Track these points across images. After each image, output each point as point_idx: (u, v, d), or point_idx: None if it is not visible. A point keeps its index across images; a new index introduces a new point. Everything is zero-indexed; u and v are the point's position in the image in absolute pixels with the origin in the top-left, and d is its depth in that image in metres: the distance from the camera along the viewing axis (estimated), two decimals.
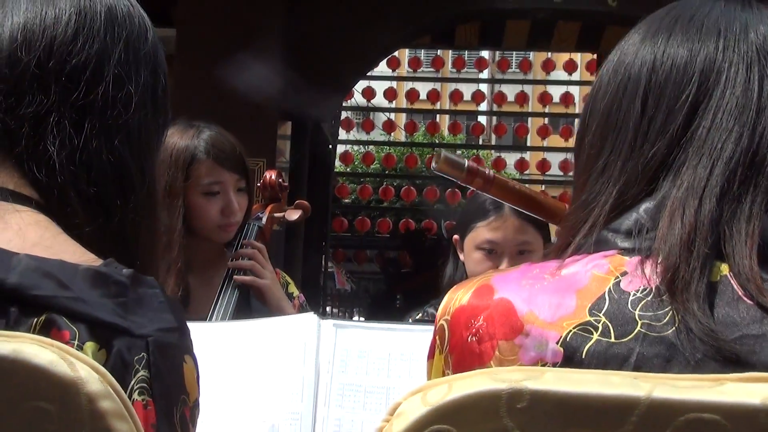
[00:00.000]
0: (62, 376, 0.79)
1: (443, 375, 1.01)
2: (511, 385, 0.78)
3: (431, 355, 1.05)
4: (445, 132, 10.95)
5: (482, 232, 2.44)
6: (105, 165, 1.01)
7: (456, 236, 2.58)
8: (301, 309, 2.49)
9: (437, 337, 1.04)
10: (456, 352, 0.99)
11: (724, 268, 0.95)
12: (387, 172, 10.19)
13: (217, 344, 1.71)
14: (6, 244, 0.92)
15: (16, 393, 0.79)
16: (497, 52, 11.42)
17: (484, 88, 11.23)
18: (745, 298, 0.92)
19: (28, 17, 1.02)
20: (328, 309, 10.43)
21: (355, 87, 8.32)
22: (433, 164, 1.57)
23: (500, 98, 10.24)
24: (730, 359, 0.88)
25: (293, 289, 2.58)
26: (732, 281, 0.93)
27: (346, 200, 9.73)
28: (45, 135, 0.99)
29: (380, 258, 10.77)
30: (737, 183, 0.97)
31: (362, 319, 9.98)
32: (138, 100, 1.05)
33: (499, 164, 9.96)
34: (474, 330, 0.97)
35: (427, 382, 0.83)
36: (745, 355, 0.88)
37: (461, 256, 2.54)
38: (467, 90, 10.32)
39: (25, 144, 0.99)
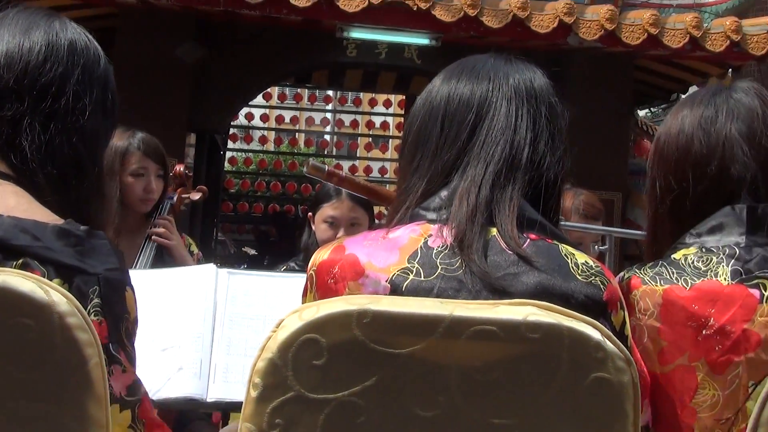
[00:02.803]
0: (40, 300, 0.78)
1: None
2: (359, 306, 0.78)
3: (304, 294, 1.05)
4: (302, 145, 10.89)
5: (327, 210, 2.49)
6: (65, 156, 1.01)
7: (310, 213, 2.60)
8: (199, 262, 2.50)
9: (308, 282, 1.04)
10: (321, 291, 1.00)
11: (494, 231, 0.99)
12: (260, 171, 10.08)
13: (141, 286, 1.67)
14: None
15: (5, 312, 0.78)
16: (339, 92, 11.42)
17: (329, 116, 11.32)
18: (507, 250, 0.96)
19: (9, 46, 1.01)
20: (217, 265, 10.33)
21: (240, 112, 8.22)
22: (305, 169, 1.61)
23: (340, 123, 10.28)
24: (498, 290, 0.92)
25: (195, 248, 2.61)
26: (499, 240, 0.98)
27: (232, 190, 9.58)
28: (20, 133, 0.99)
29: (255, 230, 10.78)
30: (503, 177, 1.03)
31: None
32: (91, 110, 1.04)
33: (336, 169, 10.05)
34: (332, 275, 0.99)
35: (302, 305, 0.83)
36: (506, 286, 0.93)
37: (313, 228, 2.56)
38: (317, 117, 10.37)
39: (5, 139, 0.99)
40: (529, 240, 0.99)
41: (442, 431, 0.78)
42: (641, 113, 7.41)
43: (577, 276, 0.96)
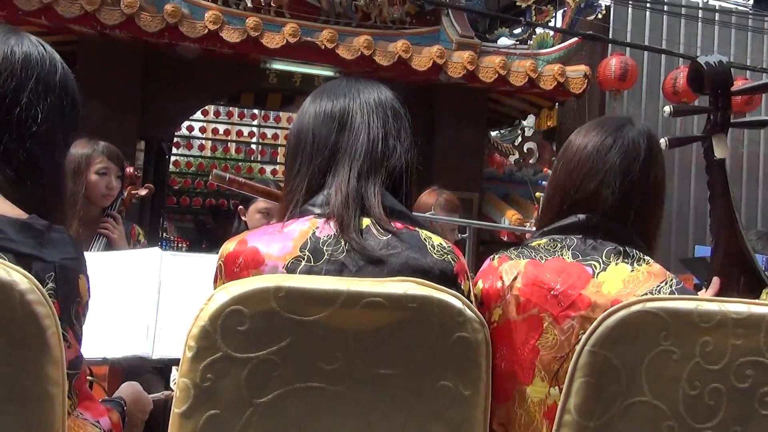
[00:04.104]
0: (2, 279, 0.71)
1: None
2: (275, 283, 0.76)
3: (215, 281, 1.00)
4: (233, 152, 10.59)
5: (261, 203, 2.40)
6: (21, 159, 0.90)
7: (240, 206, 2.52)
8: (146, 247, 2.38)
9: (218, 272, 0.99)
10: (228, 279, 0.94)
11: (368, 221, 0.98)
12: (199, 172, 9.75)
13: (98, 265, 1.59)
14: None
15: None
16: (263, 110, 11.16)
17: (255, 129, 11.03)
18: (379, 236, 0.96)
19: None
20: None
21: (182, 124, 7.93)
22: (210, 178, 1.59)
23: (264, 136, 10.12)
24: (377, 261, 0.93)
25: (142, 238, 2.50)
26: (372, 228, 0.97)
27: (175, 187, 9.21)
28: None
29: (194, 220, 10.42)
30: (366, 173, 1.01)
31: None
32: (45, 116, 0.91)
33: (261, 172, 9.79)
34: (237, 264, 0.95)
35: (229, 282, 0.79)
36: (383, 259, 0.93)
37: (244, 218, 2.49)
38: (246, 130, 10.06)
39: None
40: (399, 227, 0.99)
41: (341, 380, 0.78)
42: (493, 133, 7.62)
43: (434, 255, 0.98)
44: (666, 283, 1.11)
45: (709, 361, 0.83)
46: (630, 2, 6.61)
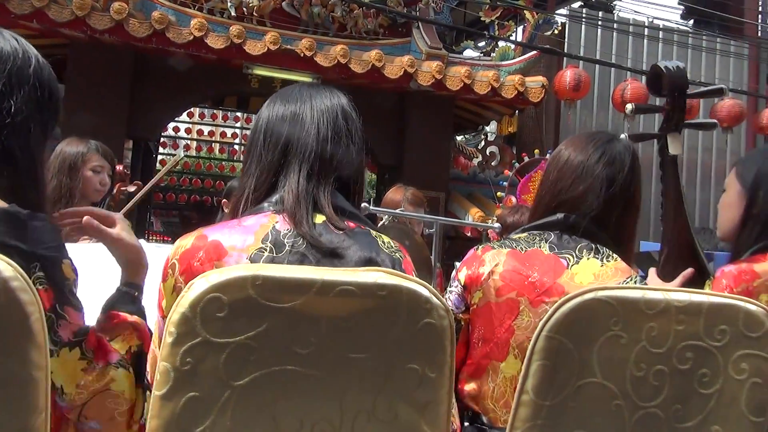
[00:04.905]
0: None
1: (173, 290, 0.91)
2: (253, 272, 0.74)
3: (164, 279, 0.93)
4: (217, 152, 10.43)
5: None
6: None
7: (224, 200, 2.48)
8: None
9: (170, 269, 0.92)
10: (186, 275, 0.90)
11: (321, 217, 0.96)
12: (184, 170, 9.58)
13: (80, 258, 1.55)
14: None
15: None
16: (245, 113, 11.02)
17: (237, 131, 10.88)
18: (335, 231, 0.95)
19: None
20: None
21: (169, 125, 7.80)
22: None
23: (246, 137, 9.94)
24: (334, 255, 0.92)
25: (130, 229, 2.41)
26: (327, 224, 0.95)
27: (162, 184, 9.04)
28: None
29: (179, 215, 10.25)
30: (316, 172, 0.98)
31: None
32: (18, 108, 0.85)
33: None
34: (197, 259, 0.90)
35: (209, 271, 0.77)
36: (340, 254, 0.93)
37: (226, 211, 2.45)
38: (229, 131, 9.94)
39: None
40: (353, 226, 0.98)
41: (315, 363, 0.76)
42: (458, 138, 7.66)
43: (385, 250, 0.98)
44: (631, 279, 1.14)
45: (654, 345, 0.84)
46: (583, 20, 6.70)
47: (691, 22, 7.88)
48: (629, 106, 1.52)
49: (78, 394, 0.86)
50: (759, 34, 7.32)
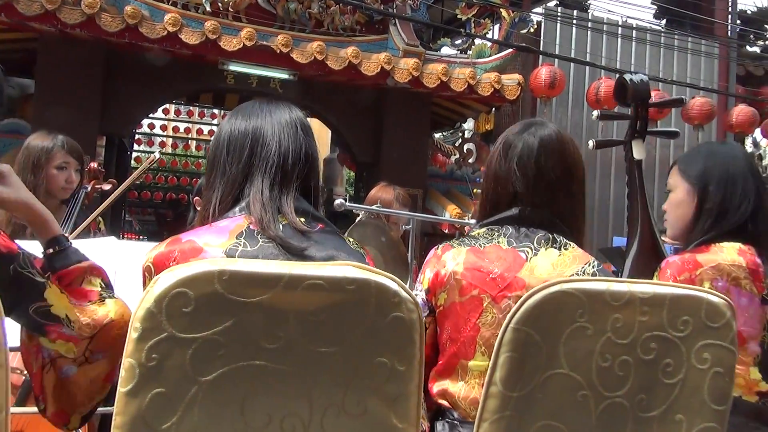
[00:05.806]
0: None
1: None
2: (219, 266, 0.74)
3: (144, 285, 0.96)
4: (193, 149, 10.30)
5: None
6: None
7: (196, 198, 2.45)
8: (103, 236, 2.28)
9: (146, 273, 0.96)
10: None
11: (284, 219, 1.00)
12: (160, 168, 9.44)
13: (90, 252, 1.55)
14: None
15: None
16: (222, 110, 10.90)
17: (214, 128, 10.76)
18: (299, 232, 0.99)
19: None
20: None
21: (144, 122, 7.67)
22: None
23: None
24: (302, 256, 0.95)
25: (102, 226, 2.38)
26: (289, 227, 0.99)
27: (137, 182, 8.90)
28: None
29: (155, 213, 10.11)
30: (279, 182, 1.04)
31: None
32: None
33: None
34: (173, 259, 0.93)
35: (176, 265, 0.76)
36: (307, 255, 0.96)
37: (198, 208, 2.41)
38: (206, 128, 9.82)
39: None
40: (319, 228, 1.03)
41: (282, 358, 0.76)
42: (436, 135, 7.68)
43: (352, 247, 1.05)
44: (589, 265, 1.15)
45: (619, 336, 0.85)
46: (558, 19, 6.76)
47: (664, 21, 8.01)
48: (595, 112, 1.63)
49: (85, 325, 0.93)
50: (729, 35, 7.47)
